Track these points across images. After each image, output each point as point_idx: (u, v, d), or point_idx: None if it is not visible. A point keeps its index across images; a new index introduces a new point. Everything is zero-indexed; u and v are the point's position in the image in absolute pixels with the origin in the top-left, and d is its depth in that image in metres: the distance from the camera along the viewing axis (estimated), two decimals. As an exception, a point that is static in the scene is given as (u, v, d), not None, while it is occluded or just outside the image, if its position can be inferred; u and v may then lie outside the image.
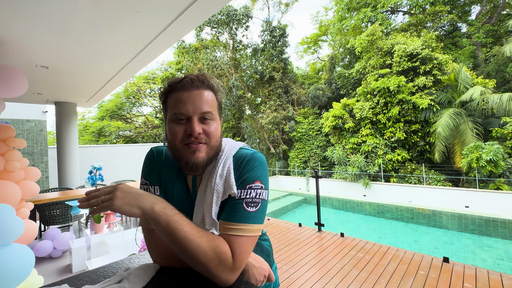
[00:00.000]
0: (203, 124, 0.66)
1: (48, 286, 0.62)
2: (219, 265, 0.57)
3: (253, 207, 0.64)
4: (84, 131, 19.45)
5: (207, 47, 18.03)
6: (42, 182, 7.24)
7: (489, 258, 5.38)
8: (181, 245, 0.56)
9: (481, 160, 8.62)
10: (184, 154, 0.66)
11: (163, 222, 0.56)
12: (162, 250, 0.68)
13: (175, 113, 0.65)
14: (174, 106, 0.66)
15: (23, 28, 2.41)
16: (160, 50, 3.17)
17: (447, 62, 11.55)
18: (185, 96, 0.65)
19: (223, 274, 0.57)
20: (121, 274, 0.63)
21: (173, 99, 0.67)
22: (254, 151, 0.72)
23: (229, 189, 0.66)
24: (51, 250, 3.45)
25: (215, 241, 0.59)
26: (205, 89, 0.68)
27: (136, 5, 2.13)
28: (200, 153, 0.65)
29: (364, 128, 12.62)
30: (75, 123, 6.07)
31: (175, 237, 0.56)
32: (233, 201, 0.66)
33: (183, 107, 0.65)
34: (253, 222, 0.63)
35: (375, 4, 16.53)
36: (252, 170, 0.68)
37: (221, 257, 0.57)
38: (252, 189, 0.66)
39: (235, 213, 0.63)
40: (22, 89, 2.70)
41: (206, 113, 0.66)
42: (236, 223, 0.62)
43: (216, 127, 0.69)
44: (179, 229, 0.56)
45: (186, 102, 0.65)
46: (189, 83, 0.66)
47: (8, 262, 1.59)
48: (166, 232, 0.57)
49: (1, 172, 2.74)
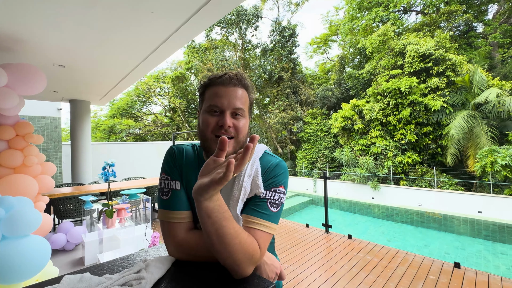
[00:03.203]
0: (234, 119, 0.71)
1: (70, 274, 0.65)
2: (251, 259, 0.60)
3: (275, 208, 0.70)
4: (96, 128, 19.92)
5: (217, 47, 18.14)
6: (56, 177, 7.48)
7: (502, 265, 5.22)
8: (225, 240, 0.57)
9: (496, 165, 8.35)
10: (212, 145, 0.70)
11: (214, 217, 0.57)
12: (178, 243, 0.70)
13: (211, 105, 0.70)
14: (210, 99, 0.71)
15: (42, 29, 2.51)
16: (172, 50, 3.23)
17: (462, 63, 11.24)
18: (222, 91, 0.71)
19: (248, 268, 0.61)
20: (140, 265, 0.66)
21: (211, 92, 0.72)
22: (280, 159, 0.79)
23: (256, 188, 0.71)
24: (64, 243, 3.57)
25: (251, 237, 0.63)
26: (241, 87, 0.73)
27: (151, 6, 2.18)
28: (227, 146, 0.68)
29: (374, 130, 12.42)
30: (88, 120, 6.24)
31: (222, 232, 0.57)
32: (259, 199, 0.70)
33: (219, 101, 0.70)
34: (274, 221, 0.69)
35: (387, 3, 16.24)
36: (279, 176, 0.75)
37: (254, 253, 0.61)
38: (277, 192, 0.72)
39: (261, 211, 0.68)
40: (41, 87, 2.80)
41: (238, 109, 0.71)
42: (261, 220, 0.67)
43: (245, 123, 0.73)
44: (228, 226, 0.57)
45: (222, 96, 0.70)
46: (227, 80, 0.71)
47: (27, 252, 1.66)
48: (215, 225, 0.57)
49: (20, 166, 2.85)
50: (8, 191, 2.52)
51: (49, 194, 3.83)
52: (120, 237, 3.06)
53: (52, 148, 7.57)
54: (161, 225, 0.75)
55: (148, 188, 4.80)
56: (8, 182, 2.59)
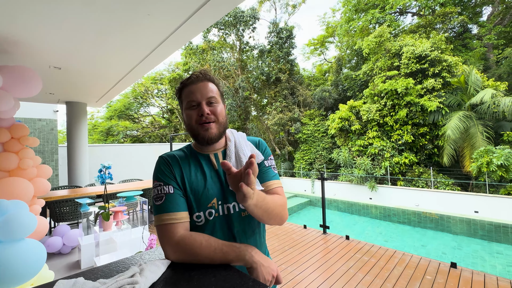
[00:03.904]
0: (210, 107, 0.84)
1: (64, 279, 0.65)
2: (285, 206, 0.84)
3: (276, 170, 0.94)
4: (92, 130, 19.80)
5: (214, 49, 18.15)
6: (52, 180, 7.42)
7: (499, 264, 5.26)
8: (271, 211, 0.76)
9: (492, 165, 8.42)
10: (200, 132, 0.83)
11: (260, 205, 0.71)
12: (176, 243, 0.72)
13: (188, 101, 0.83)
14: (187, 97, 0.84)
15: (38, 30, 2.50)
16: (169, 52, 3.23)
17: (457, 64, 11.35)
18: (194, 88, 0.83)
19: (286, 212, 0.85)
20: (134, 269, 0.65)
21: (186, 92, 0.85)
22: (259, 138, 1.00)
23: (259, 158, 0.90)
24: (60, 246, 3.54)
25: (278, 194, 0.85)
26: (208, 81, 0.86)
27: (147, 8, 2.18)
28: (212, 129, 0.83)
29: (371, 131, 12.49)
30: (85, 122, 6.20)
31: (267, 208, 0.74)
32: (264, 168, 0.90)
33: (193, 96, 0.83)
34: (278, 178, 0.92)
35: (384, 5, 16.38)
36: (267, 148, 0.97)
37: (285, 202, 0.85)
38: (271, 159, 0.94)
39: (272, 175, 0.90)
40: (37, 89, 2.79)
41: (211, 97, 0.84)
42: (276, 180, 0.90)
43: (222, 108, 0.87)
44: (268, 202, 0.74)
45: (195, 92, 0.83)
46: (195, 78, 0.84)
47: (22, 256, 1.65)
48: (262, 208, 0.72)
49: (15, 169, 2.83)
50: (3, 194, 2.49)
51: (45, 197, 3.80)
52: (117, 240, 3.04)
53: (48, 150, 7.52)
54: (157, 230, 0.76)
55: (145, 190, 4.78)
56: (3, 185, 2.57)
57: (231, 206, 0.83)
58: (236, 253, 0.70)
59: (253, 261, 0.70)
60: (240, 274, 0.66)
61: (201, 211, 0.79)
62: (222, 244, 0.72)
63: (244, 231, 0.84)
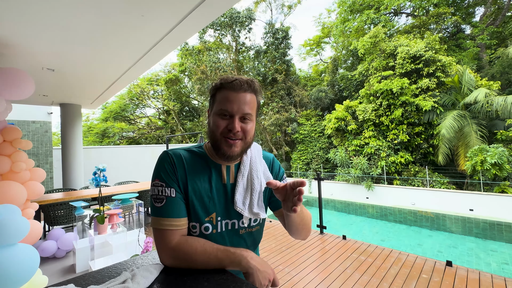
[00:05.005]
0: (242, 123, 0.76)
1: (54, 286, 0.64)
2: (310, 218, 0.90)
3: None
4: (88, 132, 19.61)
5: (210, 49, 18.12)
6: (46, 182, 7.32)
7: (493, 262, 5.32)
8: (308, 221, 0.86)
9: (486, 163, 8.54)
10: (222, 146, 0.76)
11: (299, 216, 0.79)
12: (173, 249, 0.70)
13: (221, 108, 0.74)
14: (221, 102, 0.75)
15: (30, 32, 2.46)
16: (164, 53, 3.21)
17: (451, 64, 11.49)
18: (233, 96, 0.74)
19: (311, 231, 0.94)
20: (125, 274, 0.64)
21: (222, 96, 0.75)
22: (272, 154, 0.99)
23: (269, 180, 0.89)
24: (55, 250, 3.49)
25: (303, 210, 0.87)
26: (250, 92, 0.76)
27: (141, 9, 2.16)
28: (236, 147, 0.76)
29: (367, 130, 12.58)
30: (79, 124, 6.14)
31: (304, 215, 0.83)
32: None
33: (229, 105, 0.73)
34: None
35: (378, 6, 16.52)
36: (281, 168, 0.97)
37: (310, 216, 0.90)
38: (285, 179, 0.91)
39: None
40: (29, 91, 2.74)
41: (247, 114, 0.75)
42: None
43: (252, 126, 0.79)
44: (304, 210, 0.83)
45: (232, 101, 0.73)
46: (238, 85, 0.74)
47: (14, 262, 1.62)
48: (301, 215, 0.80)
49: (8, 173, 2.78)
50: (-5, 198, 2.45)
51: (39, 200, 3.74)
52: (112, 243, 3.01)
53: (42, 153, 7.42)
54: (154, 232, 0.74)
55: (141, 193, 4.74)
56: (-5, 189, 2.52)
57: (231, 223, 0.81)
58: (231, 258, 0.70)
59: (249, 266, 0.69)
60: (234, 278, 0.65)
61: (197, 222, 0.77)
62: (217, 250, 0.70)
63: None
